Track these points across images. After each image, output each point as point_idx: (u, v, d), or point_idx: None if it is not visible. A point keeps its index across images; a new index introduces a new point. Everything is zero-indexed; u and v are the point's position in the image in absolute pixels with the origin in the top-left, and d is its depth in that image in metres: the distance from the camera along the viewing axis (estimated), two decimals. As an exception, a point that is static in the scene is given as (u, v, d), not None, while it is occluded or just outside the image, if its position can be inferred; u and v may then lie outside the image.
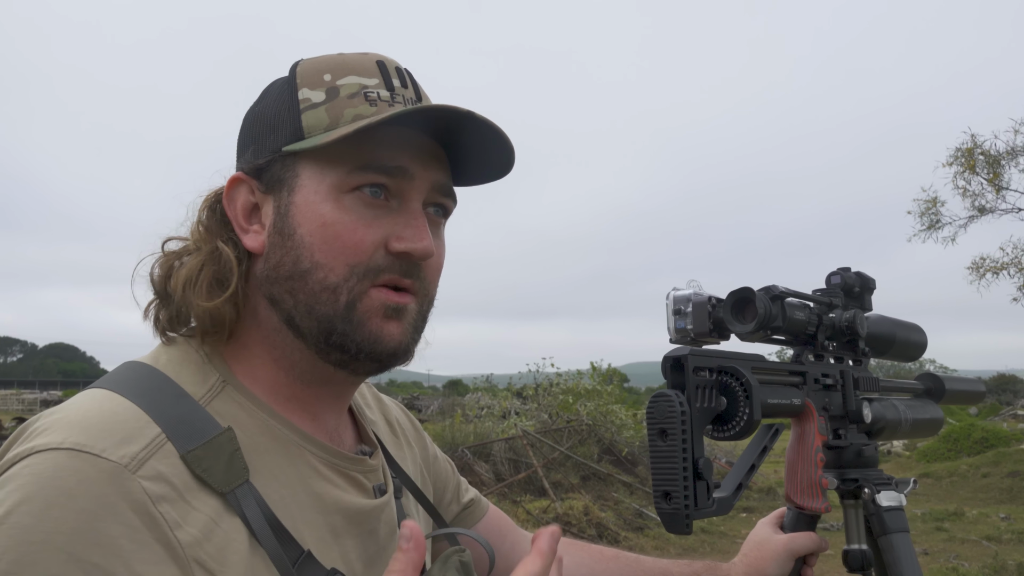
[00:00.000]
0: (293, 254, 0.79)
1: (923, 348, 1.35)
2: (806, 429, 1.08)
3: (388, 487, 0.90)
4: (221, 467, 0.71)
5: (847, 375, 1.17)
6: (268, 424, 0.80)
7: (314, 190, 0.80)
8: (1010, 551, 7.98)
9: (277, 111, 0.83)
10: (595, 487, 10.17)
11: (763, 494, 11.17)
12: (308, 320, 0.79)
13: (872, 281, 1.23)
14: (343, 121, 0.79)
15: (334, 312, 0.79)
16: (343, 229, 0.79)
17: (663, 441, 0.85)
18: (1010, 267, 14.81)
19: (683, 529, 0.84)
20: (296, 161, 0.81)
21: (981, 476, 12.68)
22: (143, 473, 0.66)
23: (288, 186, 0.81)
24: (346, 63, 0.83)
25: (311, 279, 0.79)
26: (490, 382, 17.72)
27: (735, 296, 0.98)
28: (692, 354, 0.90)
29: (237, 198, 0.84)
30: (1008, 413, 23.41)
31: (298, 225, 0.79)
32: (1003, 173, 14.66)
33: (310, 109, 0.80)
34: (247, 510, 0.71)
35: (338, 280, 0.78)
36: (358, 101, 0.80)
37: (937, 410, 1.37)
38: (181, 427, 0.72)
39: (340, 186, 0.79)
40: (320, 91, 0.81)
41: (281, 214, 0.81)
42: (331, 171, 0.79)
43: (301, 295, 0.79)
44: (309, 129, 0.80)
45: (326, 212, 0.79)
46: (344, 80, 0.81)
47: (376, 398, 1.08)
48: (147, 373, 0.77)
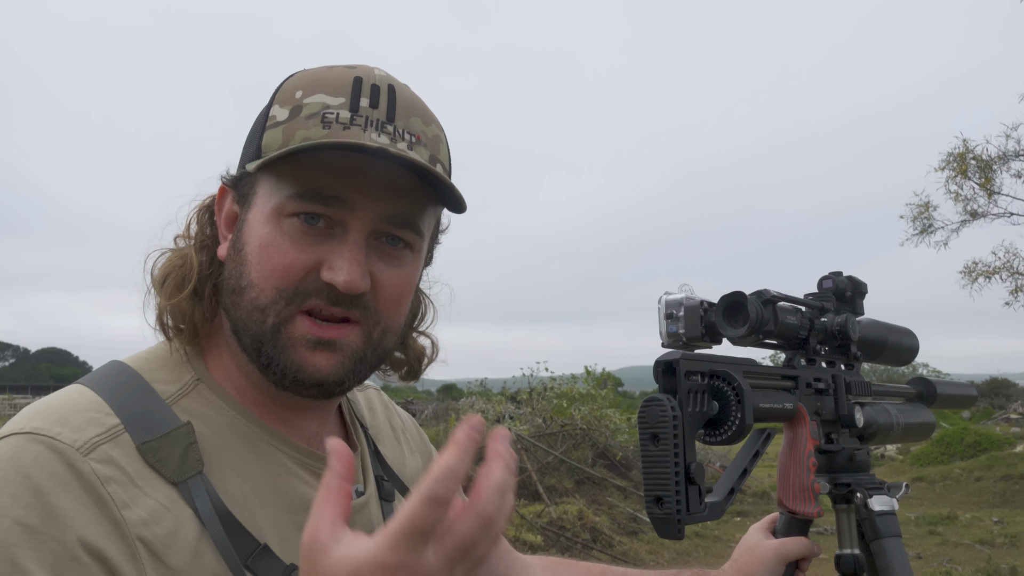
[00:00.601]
0: (238, 269, 0.82)
1: (915, 352, 1.35)
2: (798, 433, 1.08)
3: (368, 488, 0.92)
4: (175, 459, 0.75)
5: (839, 379, 1.17)
6: (237, 422, 0.82)
7: (261, 210, 0.81)
8: (1003, 555, 8.00)
9: (255, 125, 0.84)
10: (589, 491, 10.16)
11: (757, 498, 11.18)
12: (244, 336, 0.82)
13: (864, 285, 1.23)
14: (293, 142, 0.78)
15: (262, 332, 0.80)
16: (275, 252, 0.79)
17: (655, 446, 0.85)
18: (1002, 271, 14.87)
19: (675, 534, 0.84)
20: (256, 179, 0.82)
21: (974, 480, 12.72)
22: (94, 456, 0.71)
23: (248, 202, 0.83)
24: (323, 79, 0.82)
25: (246, 296, 0.80)
26: (484, 386, 17.71)
27: (727, 300, 0.98)
28: (684, 358, 0.90)
29: (224, 206, 0.87)
30: (1001, 417, 23.50)
31: (245, 242, 0.82)
32: (995, 178, 14.72)
33: (272, 127, 0.81)
34: (197, 500, 0.74)
35: (267, 301, 0.79)
36: (313, 123, 0.79)
37: (929, 414, 1.37)
38: (140, 420, 0.76)
39: (281, 209, 0.80)
40: (286, 109, 0.81)
41: (239, 229, 0.83)
42: (276, 193, 0.80)
43: (239, 311, 0.81)
44: (266, 148, 0.80)
45: (264, 233, 0.80)
46: (311, 98, 0.80)
47: (385, 405, 1.11)
48: (120, 370, 0.81)
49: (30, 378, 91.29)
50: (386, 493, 0.94)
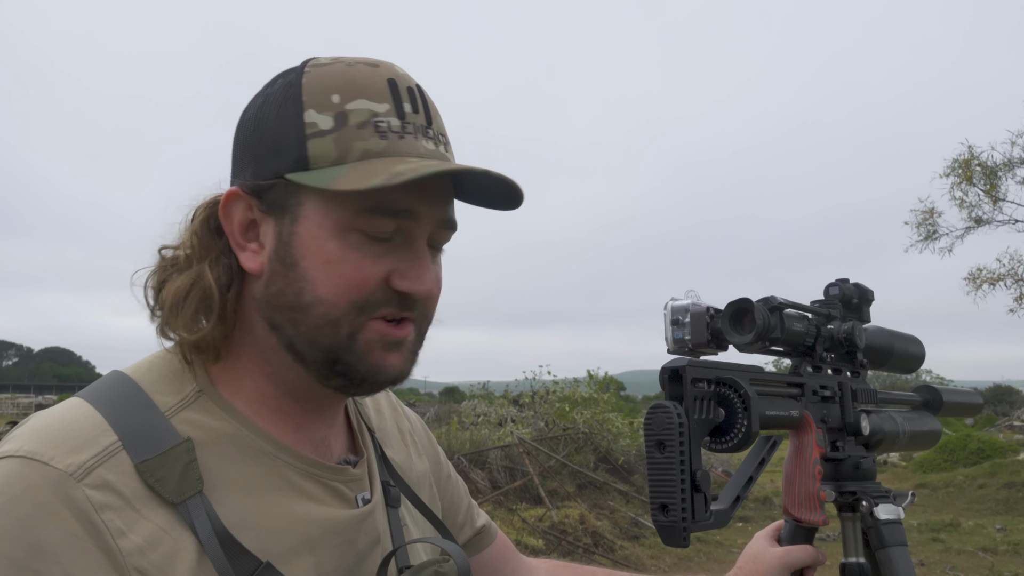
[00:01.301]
0: (296, 286, 0.78)
1: (921, 360, 1.35)
2: (804, 441, 1.08)
3: (375, 496, 0.90)
4: (175, 478, 0.73)
5: (845, 387, 1.16)
6: (240, 434, 0.80)
7: (319, 224, 0.77)
8: (1006, 562, 7.97)
9: (281, 130, 0.78)
10: (591, 495, 10.15)
11: (760, 504, 11.16)
12: (311, 349, 0.79)
13: (870, 293, 1.23)
14: (351, 156, 0.76)
15: (336, 343, 0.79)
16: (348, 268, 0.77)
17: (661, 453, 0.85)
18: (1007, 278, 14.84)
19: (680, 542, 0.84)
20: (300, 189, 0.78)
21: (977, 487, 12.68)
22: (89, 481, 0.69)
23: (291, 214, 0.78)
24: (356, 82, 0.78)
25: (313, 312, 0.78)
26: (486, 389, 17.71)
27: (733, 307, 0.98)
28: (690, 365, 0.89)
29: (234, 213, 0.81)
30: (1004, 424, 23.43)
31: (301, 257, 0.78)
32: (1000, 184, 14.70)
33: (317, 137, 0.76)
34: (196, 521, 0.72)
35: (339, 315, 0.78)
36: (368, 132, 0.77)
37: (935, 422, 1.36)
38: (139, 437, 0.74)
39: (345, 224, 0.77)
40: (328, 116, 0.77)
41: (283, 242, 0.79)
42: (337, 208, 0.77)
43: (303, 327, 0.79)
44: (315, 160, 0.76)
45: (332, 249, 0.77)
46: (353, 104, 0.77)
47: (393, 407, 1.09)
48: (120, 383, 0.79)
49: (33, 377, 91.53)
50: (392, 499, 0.93)
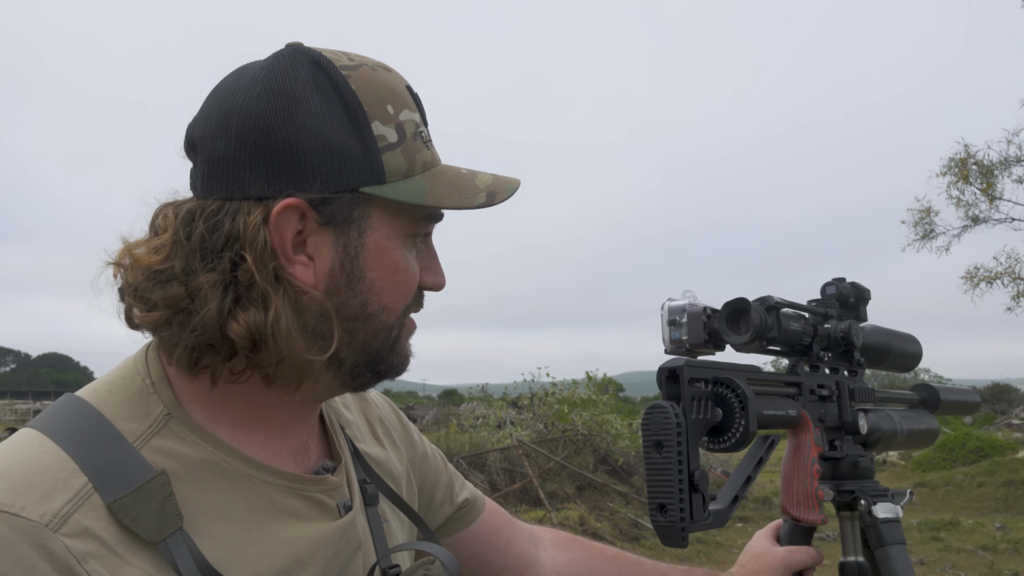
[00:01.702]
0: (361, 297, 0.78)
1: (918, 359, 1.35)
2: (802, 440, 1.08)
3: (355, 500, 0.88)
4: (152, 515, 0.68)
5: (843, 386, 1.16)
6: (215, 458, 0.75)
7: (386, 235, 0.79)
8: (1006, 561, 7.97)
9: (346, 141, 0.75)
10: (591, 497, 10.15)
11: (759, 504, 11.16)
12: (358, 355, 0.80)
13: (867, 291, 1.23)
14: (416, 168, 0.79)
15: (385, 346, 0.81)
16: (410, 276, 0.81)
17: (658, 453, 0.85)
18: (1004, 277, 14.86)
19: (679, 542, 0.84)
20: (369, 202, 0.77)
21: (976, 486, 12.68)
22: (66, 530, 0.64)
23: (359, 227, 0.77)
24: (395, 91, 0.79)
25: (375, 320, 0.79)
26: (485, 392, 17.71)
27: (730, 307, 0.98)
28: (687, 365, 0.89)
29: (286, 225, 0.74)
30: (1003, 422, 23.46)
31: (369, 269, 0.78)
32: (996, 183, 14.73)
33: (389, 151, 0.77)
34: (179, 561, 0.68)
35: (394, 319, 0.81)
36: (420, 144, 0.80)
37: (932, 421, 1.37)
38: (109, 473, 0.68)
39: (408, 233, 0.81)
40: (391, 128, 0.77)
41: (350, 255, 0.77)
42: (401, 218, 0.80)
43: (360, 334, 0.79)
44: (390, 173, 0.77)
45: (398, 259, 0.80)
46: (403, 116, 0.79)
47: (358, 397, 1.05)
48: (81, 411, 0.73)
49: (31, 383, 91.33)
50: (369, 498, 0.90)
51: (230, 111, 0.74)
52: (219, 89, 0.78)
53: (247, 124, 0.73)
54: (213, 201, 0.74)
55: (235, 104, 0.74)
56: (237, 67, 0.80)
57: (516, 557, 1.13)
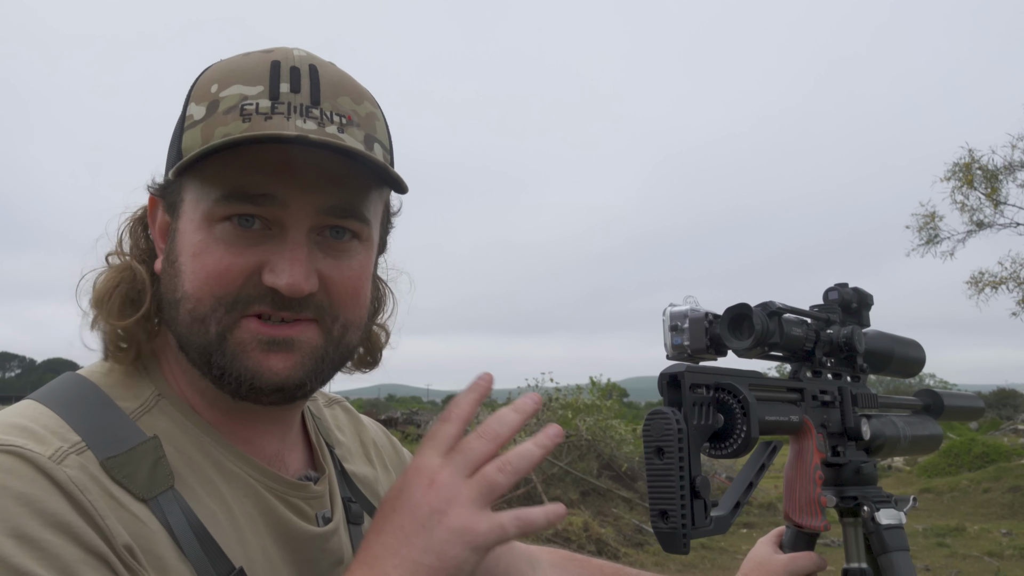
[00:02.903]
0: (173, 282, 0.77)
1: (921, 364, 1.35)
2: (804, 446, 1.07)
3: (335, 515, 0.86)
4: (144, 474, 0.70)
5: (845, 392, 1.16)
6: (202, 441, 0.77)
7: (190, 217, 0.76)
8: (1012, 567, 7.93)
9: (176, 128, 0.79)
10: (595, 503, 10.12)
11: (763, 509, 11.12)
12: (190, 350, 0.77)
13: (870, 297, 1.22)
14: (212, 141, 0.73)
15: (206, 343, 0.75)
16: (210, 259, 0.74)
17: (660, 459, 0.84)
18: (1009, 281, 14.83)
19: (680, 549, 0.83)
20: (182, 185, 0.77)
21: (982, 491, 12.62)
22: (68, 463, 0.66)
23: (177, 211, 0.78)
24: (238, 68, 0.77)
25: (182, 309, 0.76)
26: (489, 397, 17.69)
27: (732, 312, 0.97)
28: (689, 371, 0.89)
29: (156, 217, 0.81)
30: (1009, 428, 23.35)
31: (179, 253, 0.77)
32: (1001, 188, 14.71)
33: (190, 128, 0.75)
34: (171, 517, 0.69)
35: (205, 311, 0.75)
36: (232, 116, 0.74)
37: (936, 426, 1.36)
38: (101, 435, 0.71)
39: (211, 215, 0.75)
40: (203, 106, 0.76)
41: (171, 240, 0.78)
42: (204, 198, 0.75)
43: (180, 324, 0.77)
44: (186, 151, 0.75)
45: (197, 242, 0.75)
46: (227, 91, 0.75)
47: (353, 420, 1.05)
48: (76, 383, 0.76)
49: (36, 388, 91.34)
50: (354, 516, 0.90)
51: None
52: None
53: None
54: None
55: None
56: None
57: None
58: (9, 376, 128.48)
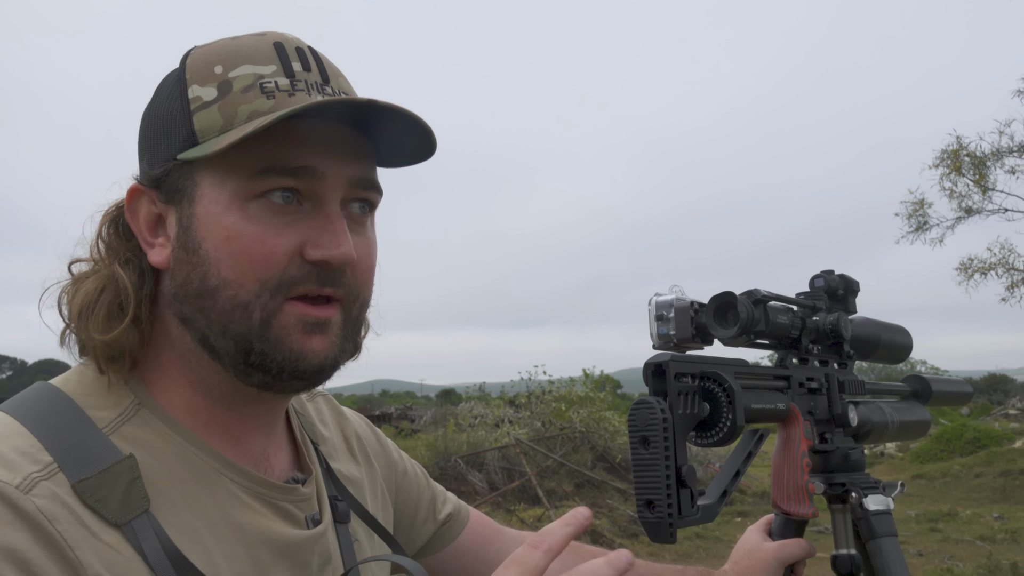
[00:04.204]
0: (200, 271, 0.73)
1: (908, 350, 1.35)
2: (791, 434, 1.07)
3: (324, 516, 0.85)
4: (117, 497, 0.67)
5: (832, 378, 1.16)
6: (184, 450, 0.74)
7: (215, 199, 0.73)
8: (1004, 551, 8.00)
9: (169, 113, 0.75)
10: (589, 494, 10.15)
11: (757, 498, 11.18)
12: (223, 340, 0.74)
13: (856, 283, 1.23)
14: (237, 120, 0.72)
15: (249, 330, 0.73)
16: (250, 241, 0.72)
17: (645, 449, 0.84)
18: (998, 267, 14.91)
19: (667, 538, 0.83)
20: (193, 169, 0.74)
21: (974, 476, 12.72)
22: (37, 492, 0.63)
23: (188, 196, 0.74)
24: (239, 49, 0.75)
25: (220, 297, 0.73)
26: (483, 391, 17.71)
27: (717, 301, 0.97)
28: (673, 360, 0.89)
29: (139, 210, 0.77)
30: (999, 413, 23.54)
31: (202, 239, 0.73)
32: (989, 174, 14.78)
33: (201, 109, 0.73)
34: (144, 542, 0.66)
35: (249, 296, 0.73)
36: (253, 95, 0.73)
37: (924, 412, 1.36)
38: (73, 454, 0.67)
39: (243, 193, 0.73)
40: (211, 87, 0.74)
41: (184, 227, 0.74)
42: (231, 177, 0.73)
43: (212, 314, 0.73)
44: (202, 132, 0.73)
45: (230, 224, 0.72)
46: (237, 71, 0.74)
47: (335, 413, 1.03)
48: (49, 396, 0.73)
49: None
50: (340, 515, 0.88)
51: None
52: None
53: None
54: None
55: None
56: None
57: None
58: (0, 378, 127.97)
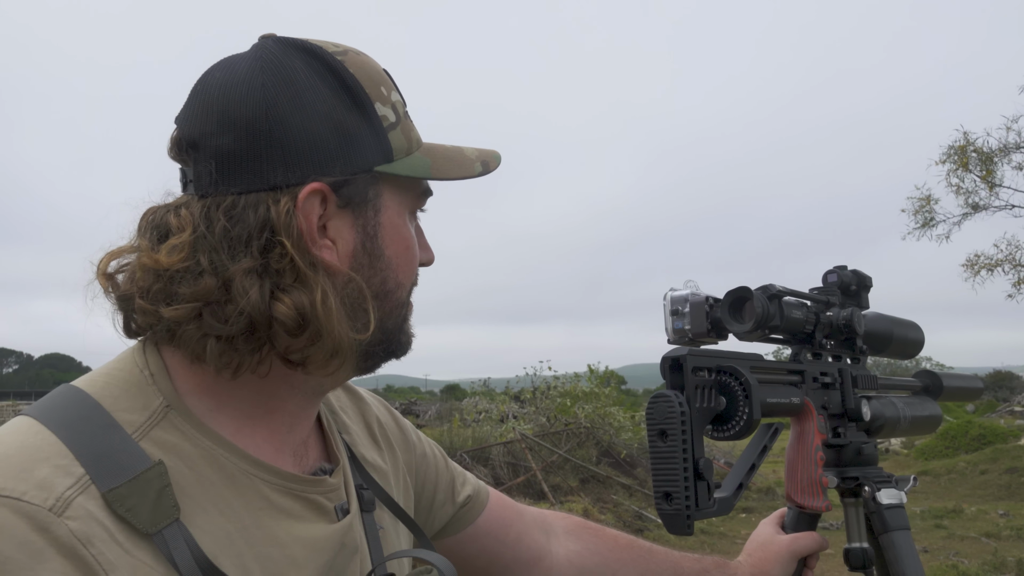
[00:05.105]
0: (381, 275, 0.81)
1: (920, 345, 1.35)
2: (805, 428, 1.08)
3: (352, 504, 0.86)
4: (147, 506, 0.67)
5: (845, 373, 1.17)
6: (214, 454, 0.74)
7: (397, 212, 0.82)
8: (1009, 547, 7.99)
9: (355, 124, 0.77)
10: (594, 489, 10.16)
11: (762, 494, 11.18)
12: (376, 334, 0.81)
13: (869, 279, 1.23)
14: (414, 144, 0.83)
15: (397, 325, 0.84)
16: (416, 252, 0.85)
17: (663, 442, 0.85)
18: (1004, 264, 14.85)
19: (684, 530, 0.84)
20: (380, 182, 0.81)
21: (979, 473, 12.70)
22: (71, 513, 0.62)
23: (374, 206, 0.80)
24: (380, 73, 0.83)
25: (392, 297, 0.82)
26: (487, 386, 17.70)
27: (732, 296, 0.98)
28: (691, 354, 0.90)
29: (311, 210, 0.75)
30: (1005, 410, 23.47)
31: (386, 247, 0.81)
32: (996, 170, 14.71)
33: (392, 130, 0.81)
34: (176, 552, 0.66)
35: (406, 296, 0.85)
36: (410, 123, 0.84)
37: (935, 407, 1.37)
38: (104, 463, 0.67)
39: (410, 208, 0.85)
40: (389, 109, 0.81)
41: (369, 234, 0.80)
42: (406, 194, 0.84)
43: (379, 313, 0.81)
44: (396, 151, 0.81)
45: (407, 235, 0.84)
46: (394, 97, 0.83)
47: (354, 399, 1.04)
48: (77, 400, 0.72)
49: (34, 384, 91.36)
50: (366, 504, 0.89)
51: (231, 104, 0.74)
52: (210, 84, 0.76)
53: (257, 115, 0.73)
54: (227, 196, 0.74)
55: (236, 97, 0.74)
56: (218, 61, 0.79)
57: (527, 549, 1.12)
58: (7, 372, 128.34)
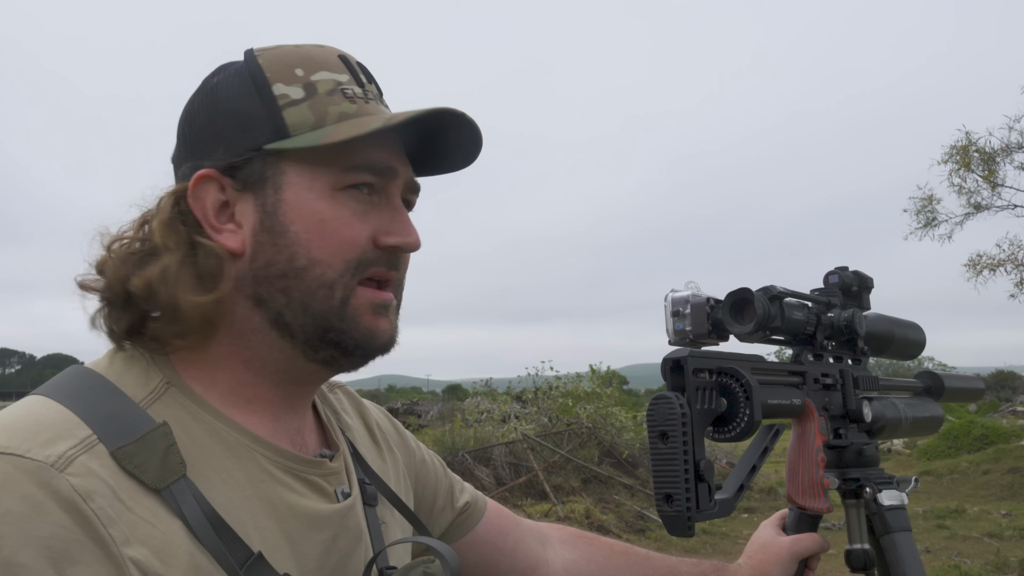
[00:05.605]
0: (287, 252, 0.79)
1: (922, 346, 1.35)
2: (807, 429, 1.08)
3: (353, 491, 0.88)
4: (155, 463, 0.69)
5: (846, 374, 1.17)
6: (215, 427, 0.77)
7: (307, 187, 0.80)
8: (1012, 547, 7.98)
9: (248, 107, 0.80)
10: (596, 490, 10.16)
11: (764, 494, 11.17)
12: (302, 318, 0.79)
13: (870, 280, 1.23)
14: (329, 119, 0.80)
15: (329, 309, 0.80)
16: (340, 225, 0.80)
17: (664, 443, 0.85)
18: (1007, 264, 14.84)
19: (685, 532, 0.84)
20: (280, 159, 0.80)
21: (982, 473, 12.68)
22: (72, 470, 0.65)
23: (273, 184, 0.80)
24: (313, 57, 0.83)
25: (307, 276, 0.79)
26: (489, 386, 17.68)
27: (733, 297, 0.98)
28: (692, 355, 0.90)
29: (205, 196, 0.80)
30: (1007, 410, 23.43)
31: (291, 223, 0.79)
32: (998, 170, 14.69)
33: (291, 106, 0.80)
34: (184, 506, 0.69)
35: (335, 276, 0.80)
36: (338, 98, 0.81)
37: (937, 408, 1.37)
38: (111, 424, 0.70)
39: (334, 183, 0.80)
40: (296, 87, 0.80)
41: (268, 212, 0.80)
42: (323, 169, 0.80)
43: (296, 292, 0.79)
44: (294, 127, 0.79)
45: (322, 209, 0.80)
46: (317, 75, 0.81)
47: (355, 402, 1.06)
48: (82, 374, 0.76)
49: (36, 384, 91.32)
50: (369, 497, 0.90)
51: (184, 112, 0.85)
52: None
53: (183, 118, 0.84)
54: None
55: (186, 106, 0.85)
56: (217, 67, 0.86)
57: (524, 558, 1.13)
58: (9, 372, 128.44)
